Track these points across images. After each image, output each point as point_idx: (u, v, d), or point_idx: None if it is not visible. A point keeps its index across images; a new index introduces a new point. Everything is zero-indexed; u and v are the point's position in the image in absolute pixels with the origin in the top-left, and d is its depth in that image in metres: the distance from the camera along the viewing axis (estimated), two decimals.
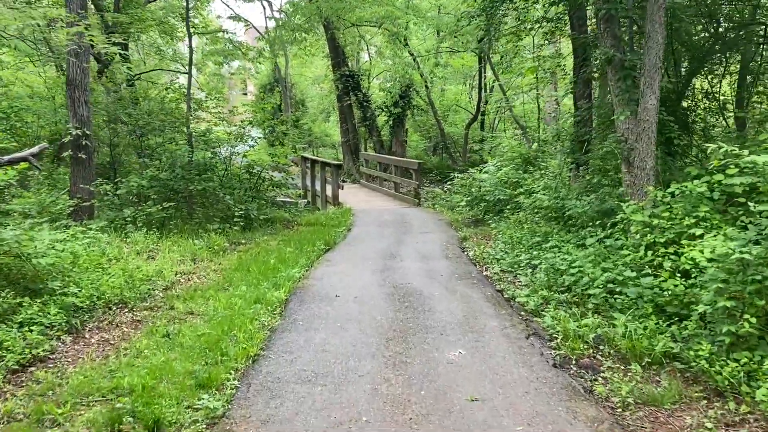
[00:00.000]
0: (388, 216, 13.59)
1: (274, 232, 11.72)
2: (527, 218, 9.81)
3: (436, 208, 14.78)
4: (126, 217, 9.65)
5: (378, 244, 10.29)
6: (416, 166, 16.09)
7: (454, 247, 9.95)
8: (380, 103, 23.41)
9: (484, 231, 11.28)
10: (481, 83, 20.74)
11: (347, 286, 7.41)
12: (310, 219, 12.99)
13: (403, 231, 11.59)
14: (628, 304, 5.62)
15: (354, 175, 22.82)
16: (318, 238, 10.65)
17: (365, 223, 12.69)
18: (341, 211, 14.17)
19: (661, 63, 6.86)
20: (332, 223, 12.58)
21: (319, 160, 17.78)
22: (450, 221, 12.68)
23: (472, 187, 12.36)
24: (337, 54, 23.09)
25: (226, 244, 10.09)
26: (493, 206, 12.09)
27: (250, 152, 13.27)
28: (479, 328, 5.65)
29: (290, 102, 29.55)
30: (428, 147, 26.18)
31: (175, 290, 7.47)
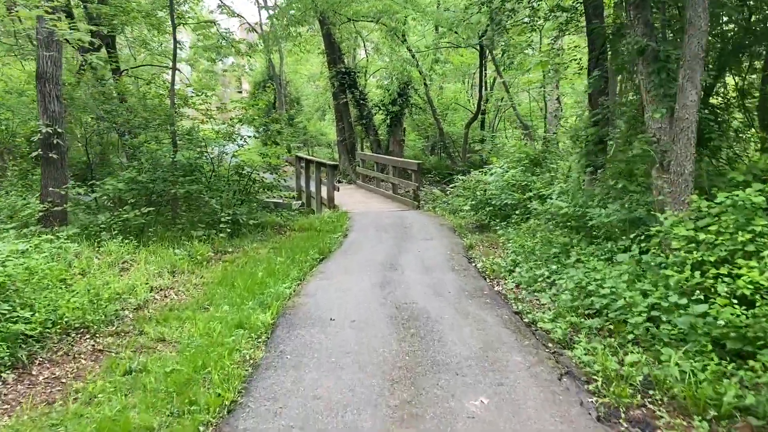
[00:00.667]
0: (386, 219, 12.63)
1: (265, 238, 10.74)
2: (540, 226, 8.85)
3: (437, 212, 13.83)
4: (100, 223, 8.65)
5: (377, 252, 9.33)
6: (416, 167, 15.14)
7: (460, 257, 9.00)
8: (377, 102, 22.41)
9: (491, 238, 10.34)
10: (481, 80, 19.79)
11: (343, 305, 6.45)
12: (304, 223, 12.02)
13: (403, 237, 10.63)
14: (677, 337, 4.67)
15: (350, 175, 21.84)
16: (312, 246, 9.69)
17: (362, 227, 11.73)
18: (337, 214, 13.20)
19: (704, 53, 5.92)
20: (327, 227, 11.61)
21: (314, 160, 16.80)
22: (453, 226, 11.73)
23: (477, 189, 11.41)
24: (333, 50, 22.09)
25: (211, 253, 9.11)
26: (499, 211, 11.14)
27: (240, 152, 12.28)
28: (501, 364, 4.69)
29: (285, 100, 28.53)
30: (426, 147, 25.21)
31: (148, 310, 6.49)
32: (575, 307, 5.85)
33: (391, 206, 15.27)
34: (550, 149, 13.13)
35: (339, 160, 23.48)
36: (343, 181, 21.99)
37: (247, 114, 11.86)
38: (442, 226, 11.81)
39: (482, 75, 19.78)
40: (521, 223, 10.24)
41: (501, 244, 9.73)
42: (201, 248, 8.94)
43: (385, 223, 12.13)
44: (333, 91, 22.55)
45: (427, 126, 23.94)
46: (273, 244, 10.16)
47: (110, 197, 9.30)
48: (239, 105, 12.07)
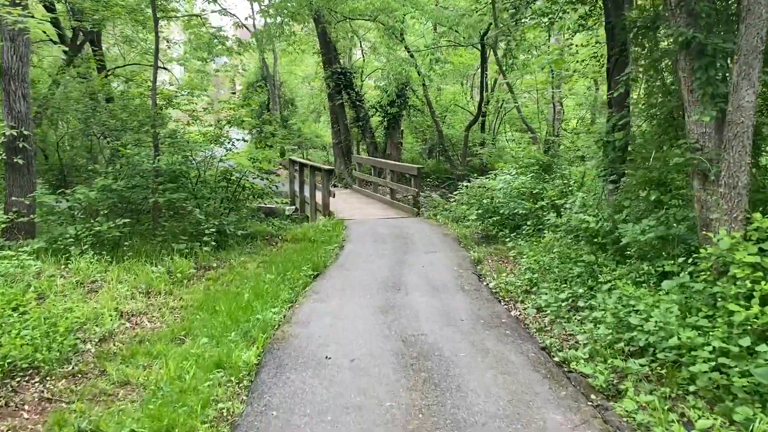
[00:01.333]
0: (385, 229, 11.70)
1: (254, 250, 9.79)
2: (559, 240, 7.94)
3: (438, 220, 12.90)
4: (69, 237, 7.68)
5: (376, 267, 8.39)
6: (416, 172, 14.21)
7: (469, 273, 8.07)
8: (374, 103, 21.49)
9: (500, 251, 9.42)
10: (483, 81, 18.89)
11: (341, 337, 5.51)
12: (297, 233, 11.06)
13: (405, 249, 9.71)
14: (750, 390, 3.76)
15: (346, 179, 20.90)
16: (305, 260, 8.75)
17: (360, 237, 10.79)
18: (332, 222, 12.25)
19: (764, 45, 5.01)
20: (322, 238, 10.67)
21: (308, 163, 15.85)
22: (457, 236, 10.81)
23: (483, 197, 10.49)
24: (328, 50, 21.15)
25: (193, 269, 8.14)
26: (508, 221, 10.23)
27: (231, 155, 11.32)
28: (538, 427, 3.76)
29: (279, 101, 27.57)
30: (423, 150, 24.30)
31: (114, 342, 5.53)
32: (613, 342, 4.93)
33: (390, 213, 14.35)
34: (559, 154, 12.23)
35: (334, 163, 22.54)
36: (338, 185, 21.05)
37: (237, 115, 10.88)
38: (446, 236, 10.88)
39: (483, 76, 18.88)
40: (533, 234, 9.33)
41: (512, 259, 8.82)
42: (182, 264, 7.97)
43: (384, 233, 11.20)
44: (328, 92, 21.62)
45: (425, 128, 23.04)
46: (263, 258, 9.21)
47: (82, 207, 8.32)
48: (227, 106, 11.09)
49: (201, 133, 11.28)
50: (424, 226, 12.09)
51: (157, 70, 9.68)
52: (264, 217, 13.10)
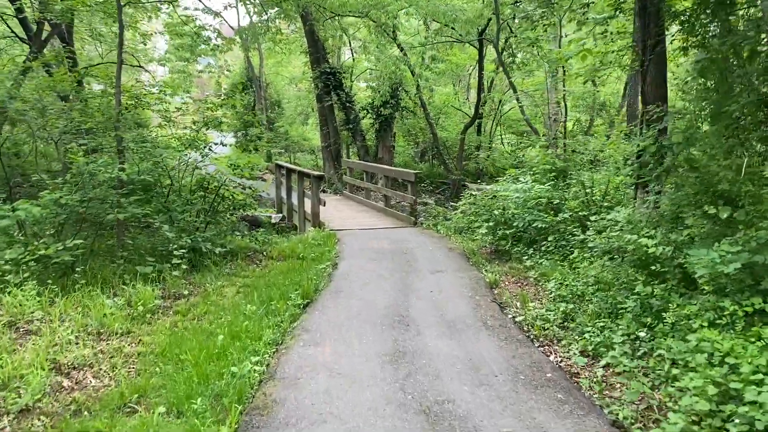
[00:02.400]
0: (382, 242, 10.31)
1: (235, 271, 8.35)
2: (595, 262, 6.59)
3: (439, 230, 11.53)
4: (4, 263, 6.20)
5: (377, 293, 7.01)
6: (412, 178, 12.83)
7: (487, 301, 6.71)
8: (365, 104, 20.09)
9: (516, 270, 8.08)
10: (480, 81, 17.55)
11: (341, 408, 4.10)
12: (284, 249, 9.63)
13: (407, 268, 8.33)
14: None
15: (336, 184, 19.48)
16: (293, 283, 7.36)
17: (355, 253, 9.40)
18: (323, 234, 10.83)
19: None
20: (312, 254, 9.26)
21: (296, 169, 14.41)
22: (464, 251, 9.45)
23: (494, 207, 9.13)
24: (316, 49, 19.74)
25: (159, 300, 6.69)
26: (523, 234, 8.88)
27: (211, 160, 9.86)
28: None
29: (265, 103, 26.07)
30: (416, 153, 22.95)
31: (38, 414, 4.08)
32: (711, 413, 3.58)
33: (385, 222, 12.96)
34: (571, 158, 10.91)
35: (323, 167, 21.12)
36: (328, 191, 19.63)
37: (214, 116, 9.40)
38: (451, 251, 9.51)
39: (481, 75, 17.54)
40: (555, 252, 7.99)
41: (534, 281, 7.47)
42: (145, 293, 6.52)
43: (381, 248, 9.81)
44: (317, 93, 20.20)
45: (418, 131, 21.67)
46: (244, 280, 7.78)
47: (23, 226, 6.83)
48: (204, 106, 9.62)
49: (176, 136, 9.82)
50: (424, 238, 10.72)
51: (121, 65, 8.21)
52: (248, 228, 11.65)
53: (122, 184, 7.81)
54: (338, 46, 21.68)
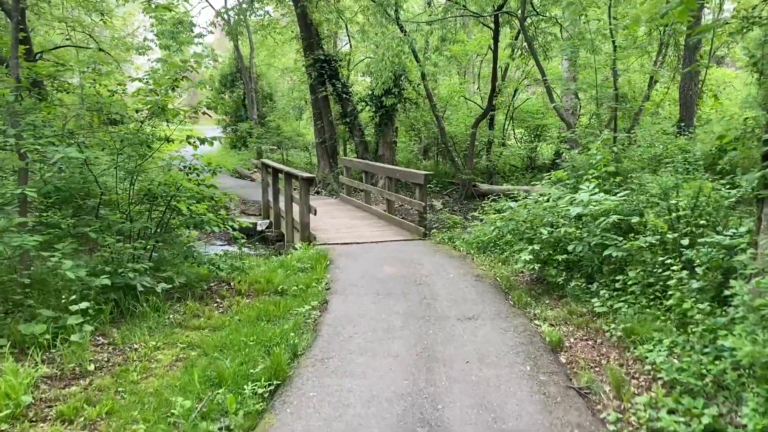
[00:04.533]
0: (387, 264, 7.69)
1: (182, 318, 5.71)
2: (714, 311, 4.01)
3: (456, 246, 8.91)
4: None
5: (386, 369, 4.43)
6: (422, 180, 10.21)
7: (559, 385, 4.13)
8: (364, 95, 17.42)
9: (578, 315, 5.50)
10: (495, 67, 14.83)
11: None
12: (259, 278, 6.99)
13: (426, 311, 5.74)
14: None
15: (331, 184, 16.84)
16: (260, 343, 4.79)
17: (352, 284, 6.80)
18: (312, 254, 8.20)
19: None
20: (295, 285, 6.65)
21: (283, 169, 11.76)
22: (496, 280, 6.87)
23: (539, 224, 6.49)
24: (309, 33, 17.03)
25: (43, 383, 4.07)
26: (579, 261, 6.27)
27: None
28: None
29: (256, 96, 23.36)
30: (419, 150, 20.28)
31: None
32: None
33: (389, 234, 10.35)
34: (625, 155, 8.30)
35: (318, 165, 18.47)
36: (322, 193, 16.99)
37: (164, 101, 6.66)
38: (480, 280, 6.90)
39: (495, 61, 14.85)
40: (637, 292, 5.36)
41: (615, 340, 4.87)
42: (14, 378, 3.89)
43: (387, 274, 7.19)
44: (310, 83, 17.52)
45: (421, 125, 19.00)
46: (191, 337, 5.17)
47: None
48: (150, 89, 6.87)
49: (120, 128, 7.12)
50: (440, 258, 8.10)
51: (18, 23, 5.55)
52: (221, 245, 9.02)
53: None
54: (334, 31, 19.02)
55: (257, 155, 20.77)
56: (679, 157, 8.76)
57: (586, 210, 5.75)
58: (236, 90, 24.33)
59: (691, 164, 8.22)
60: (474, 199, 16.24)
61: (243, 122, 22.43)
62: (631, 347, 4.69)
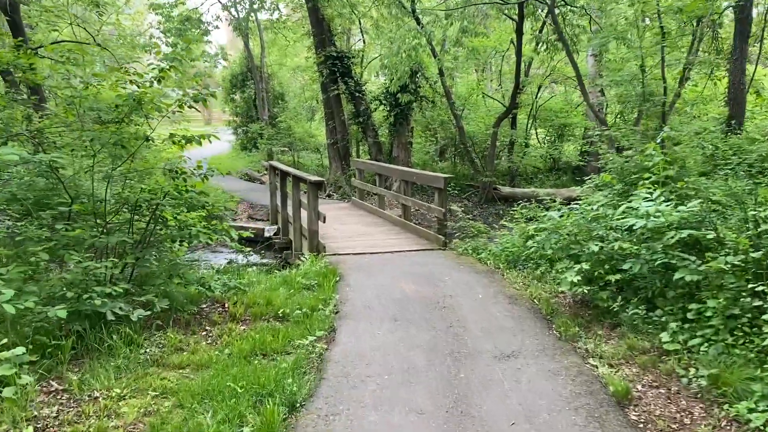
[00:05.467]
0: (404, 281, 6.65)
1: (161, 352, 4.69)
2: None
3: (480, 258, 7.83)
4: None
5: (408, 428, 3.37)
6: (441, 184, 9.15)
7: None
8: (378, 93, 16.38)
9: (641, 352, 4.42)
10: (519, 61, 13.67)
11: None
12: (258, 298, 5.97)
13: (454, 346, 4.71)
14: None
15: (344, 187, 15.83)
16: (250, 390, 3.78)
17: (365, 307, 5.77)
18: (320, 269, 7.17)
19: None
20: (299, 308, 5.63)
21: (290, 172, 10.77)
22: (532, 301, 5.80)
23: (587, 238, 5.40)
24: (321, 29, 16.04)
25: None
26: (634, 281, 5.18)
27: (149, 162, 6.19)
28: None
29: (266, 96, 22.42)
30: (435, 151, 19.19)
31: None
32: None
33: (405, 243, 9.30)
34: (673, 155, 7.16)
35: (329, 167, 17.46)
36: (334, 196, 15.97)
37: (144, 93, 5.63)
38: (514, 302, 5.83)
39: (520, 55, 13.71)
40: (718, 325, 4.26)
41: (699, 391, 3.78)
42: None
43: (404, 293, 6.15)
44: (321, 81, 16.52)
45: (437, 125, 17.90)
46: (166, 379, 4.15)
47: None
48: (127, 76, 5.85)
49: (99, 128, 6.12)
50: (466, 274, 7.02)
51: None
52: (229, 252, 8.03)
53: None
54: (347, 27, 18.00)
55: (268, 157, 19.82)
56: (734, 158, 7.63)
57: (649, 223, 4.64)
58: (247, 90, 23.40)
59: (753, 166, 7.08)
60: (495, 203, 15.14)
61: (254, 123, 21.47)
62: (721, 402, 3.61)
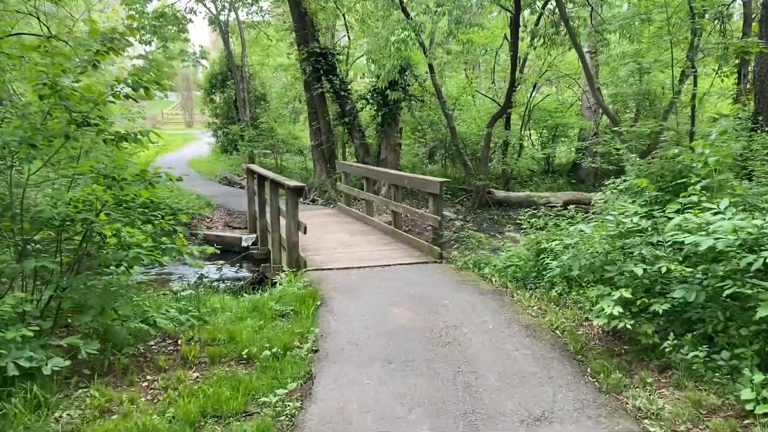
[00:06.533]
0: (399, 307, 5.49)
1: (82, 414, 3.49)
2: None
3: (485, 276, 6.69)
4: None
5: None
6: (437, 189, 8.02)
7: None
8: (365, 92, 15.23)
9: (706, 405, 3.30)
10: (515, 57, 12.59)
11: None
12: (220, 330, 4.78)
13: (466, 403, 3.59)
14: None
15: (329, 191, 14.64)
16: None
17: (350, 344, 4.61)
18: (298, 290, 5.99)
19: None
20: (268, 347, 4.44)
21: (268, 176, 9.57)
22: (555, 333, 4.67)
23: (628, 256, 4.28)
24: (303, 24, 14.88)
25: None
26: (683, 311, 4.08)
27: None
28: None
29: (248, 97, 21.16)
30: (424, 153, 18.06)
31: None
32: None
33: (397, 255, 8.16)
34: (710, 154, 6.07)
35: (314, 171, 16.27)
36: (318, 201, 14.77)
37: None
38: (533, 334, 4.70)
39: (516, 49, 12.61)
40: None
41: None
42: None
43: (400, 326, 4.99)
44: (305, 79, 15.33)
45: (426, 126, 16.78)
46: None
47: None
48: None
49: None
50: (469, 294, 5.88)
51: None
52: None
53: None
54: (332, 23, 16.84)
55: (249, 160, 18.58)
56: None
57: (719, 242, 3.53)
58: (227, 90, 22.12)
59: None
60: (489, 208, 14.05)
61: (234, 125, 20.23)
62: None
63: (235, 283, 9.40)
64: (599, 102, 9.23)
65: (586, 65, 9.12)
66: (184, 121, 40.41)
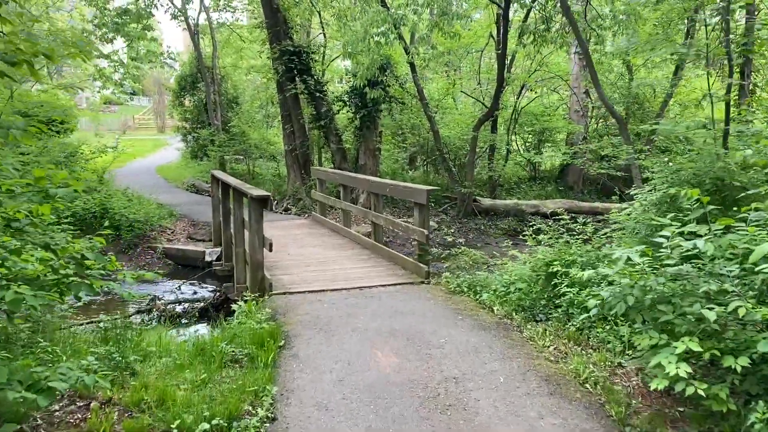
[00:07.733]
0: (383, 350, 4.32)
1: None
2: None
3: (482, 302, 5.55)
4: None
5: None
6: (424, 199, 6.88)
7: None
8: (341, 93, 14.04)
9: None
10: (503, 55, 11.50)
11: None
12: (147, 388, 3.55)
13: None
14: None
15: (303, 200, 13.40)
16: None
17: (320, 409, 3.42)
18: (257, 327, 4.74)
19: None
20: (208, 415, 3.21)
21: (231, 183, 8.33)
22: (587, 389, 3.54)
23: (690, 294, 3.18)
24: (275, 20, 13.65)
25: None
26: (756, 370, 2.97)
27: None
28: None
29: (219, 100, 19.80)
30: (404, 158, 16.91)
31: None
32: None
33: (378, 273, 7.01)
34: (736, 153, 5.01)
35: (287, 177, 15.02)
36: (292, 210, 13.50)
37: None
38: (558, 392, 3.56)
39: (505, 46, 11.54)
40: None
41: None
42: None
43: (385, 379, 3.81)
44: (277, 79, 14.08)
45: (409, 129, 15.64)
46: None
47: None
48: None
49: None
50: (468, 329, 4.73)
51: None
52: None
53: None
54: (306, 19, 15.60)
55: (219, 166, 17.23)
56: None
57: None
58: (197, 93, 20.74)
59: None
60: (474, 217, 12.97)
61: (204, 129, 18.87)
62: None
63: (194, 305, 8.13)
64: (604, 101, 8.19)
65: (590, 61, 8.08)
66: (156, 126, 38.69)
